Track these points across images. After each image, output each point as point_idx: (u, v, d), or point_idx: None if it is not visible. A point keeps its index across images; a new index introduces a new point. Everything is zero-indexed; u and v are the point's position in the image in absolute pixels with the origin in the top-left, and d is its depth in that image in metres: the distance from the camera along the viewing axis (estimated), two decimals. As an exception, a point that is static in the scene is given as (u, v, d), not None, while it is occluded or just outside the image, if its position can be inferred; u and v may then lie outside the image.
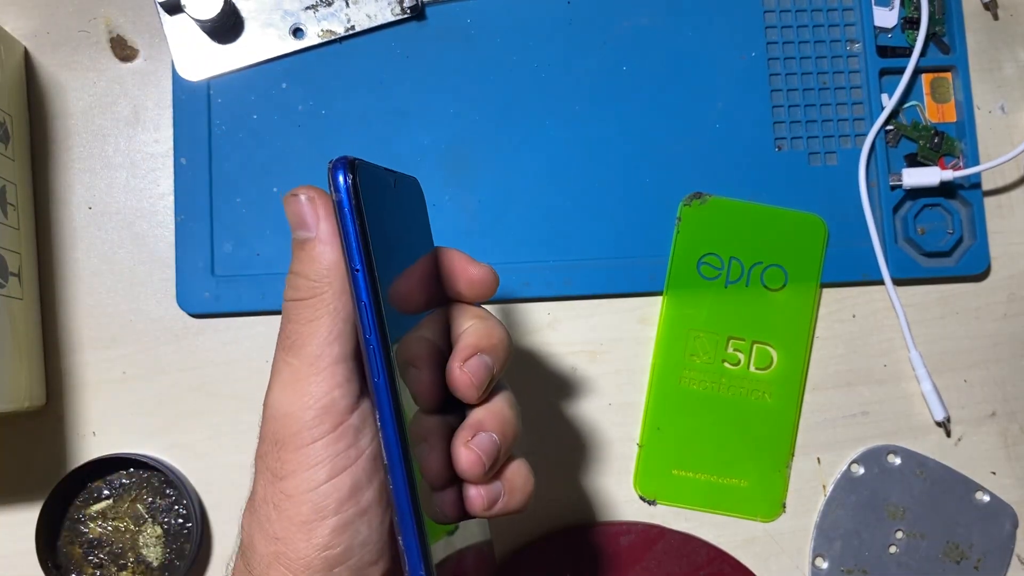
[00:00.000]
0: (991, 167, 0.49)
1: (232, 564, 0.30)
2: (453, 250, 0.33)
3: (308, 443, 0.27)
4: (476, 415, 0.31)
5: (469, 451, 0.30)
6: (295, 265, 0.29)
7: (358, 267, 0.28)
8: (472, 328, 0.31)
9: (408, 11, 0.49)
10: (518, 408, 0.33)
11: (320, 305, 0.28)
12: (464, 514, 0.31)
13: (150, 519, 0.46)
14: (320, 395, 0.27)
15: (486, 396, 0.31)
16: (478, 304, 0.34)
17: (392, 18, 0.49)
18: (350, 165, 0.27)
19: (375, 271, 0.28)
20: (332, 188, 0.28)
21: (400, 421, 0.28)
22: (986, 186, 0.50)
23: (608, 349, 0.49)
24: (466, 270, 0.32)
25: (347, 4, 0.49)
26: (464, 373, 0.30)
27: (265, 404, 0.29)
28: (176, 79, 0.48)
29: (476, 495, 0.31)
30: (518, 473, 0.32)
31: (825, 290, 0.49)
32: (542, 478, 0.36)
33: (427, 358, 0.31)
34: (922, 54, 0.50)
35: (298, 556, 0.27)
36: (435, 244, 0.34)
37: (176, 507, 0.46)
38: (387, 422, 0.28)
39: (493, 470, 0.31)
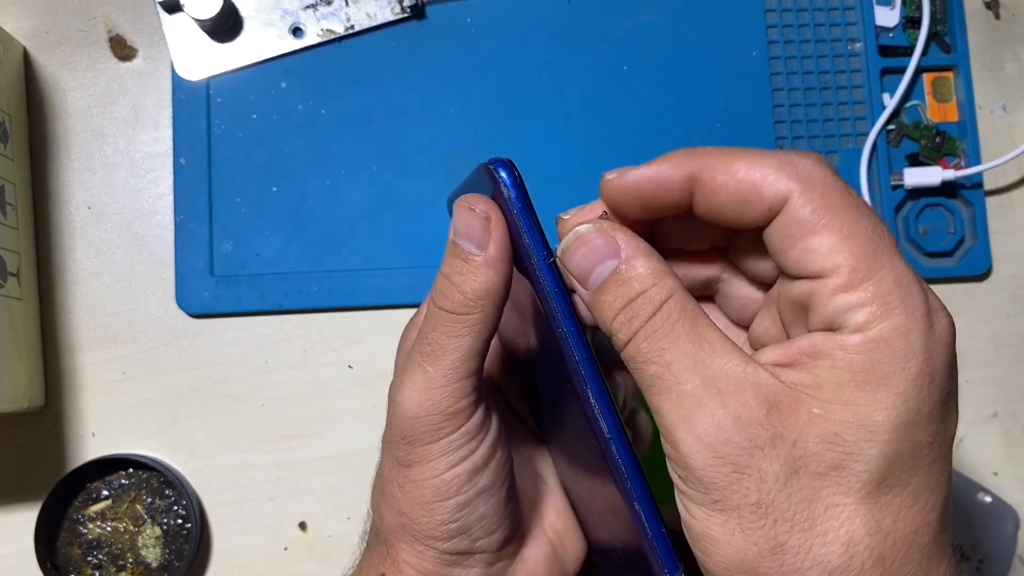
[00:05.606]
0: (993, 167, 0.49)
1: (366, 525, 0.34)
2: None
3: (433, 441, 0.30)
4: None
5: None
6: (453, 274, 0.29)
7: (543, 259, 0.28)
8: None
9: (408, 11, 0.49)
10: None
11: (469, 323, 0.29)
12: None
13: (149, 519, 0.46)
14: (448, 405, 0.29)
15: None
16: None
17: (392, 17, 0.49)
18: (509, 164, 0.28)
19: (556, 260, 0.28)
20: (500, 185, 0.28)
21: (615, 405, 0.28)
22: (988, 186, 0.50)
23: (608, 349, 0.48)
24: None
25: (347, 3, 0.49)
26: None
27: (393, 399, 0.30)
28: (175, 79, 0.48)
29: None
30: (642, 422, 0.35)
31: (826, 290, 0.49)
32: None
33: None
34: (924, 53, 0.50)
35: (421, 528, 0.30)
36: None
37: (175, 507, 0.46)
38: (605, 412, 0.27)
39: (625, 410, 0.34)
